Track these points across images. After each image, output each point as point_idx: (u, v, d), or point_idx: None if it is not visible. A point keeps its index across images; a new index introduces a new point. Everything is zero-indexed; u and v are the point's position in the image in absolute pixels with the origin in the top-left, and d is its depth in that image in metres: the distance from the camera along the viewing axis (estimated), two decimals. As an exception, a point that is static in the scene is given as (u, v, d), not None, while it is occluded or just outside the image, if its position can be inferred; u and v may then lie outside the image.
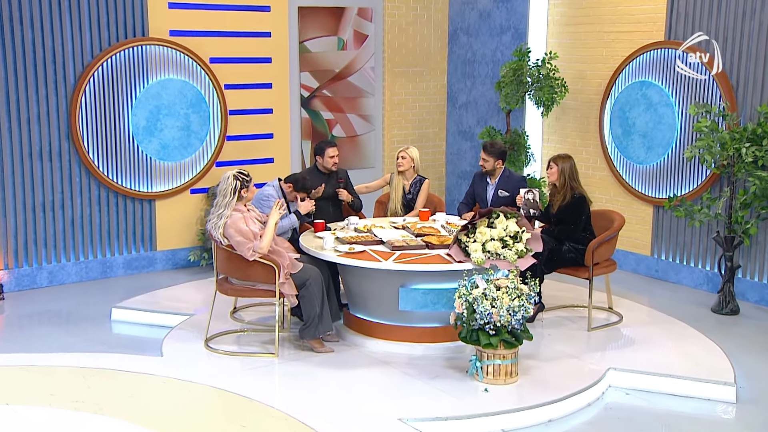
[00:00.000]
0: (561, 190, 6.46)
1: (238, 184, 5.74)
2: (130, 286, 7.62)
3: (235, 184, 5.73)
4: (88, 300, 7.28)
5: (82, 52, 7.55)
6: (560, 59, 8.66)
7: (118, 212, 7.92)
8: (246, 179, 5.78)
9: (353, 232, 6.49)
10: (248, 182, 5.79)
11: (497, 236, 5.70)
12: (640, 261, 8.18)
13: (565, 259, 6.40)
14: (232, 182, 5.73)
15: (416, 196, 7.23)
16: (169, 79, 8.01)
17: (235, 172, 5.78)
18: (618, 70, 8.18)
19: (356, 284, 6.10)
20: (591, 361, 5.75)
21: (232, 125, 8.47)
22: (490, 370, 5.31)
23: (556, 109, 8.78)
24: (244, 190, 5.76)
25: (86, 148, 7.63)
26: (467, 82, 9.81)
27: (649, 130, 7.97)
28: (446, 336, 5.90)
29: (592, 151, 8.58)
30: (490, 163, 6.88)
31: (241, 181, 5.75)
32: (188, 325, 6.46)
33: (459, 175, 10.02)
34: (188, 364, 5.68)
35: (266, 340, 6.15)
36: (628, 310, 6.87)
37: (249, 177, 5.82)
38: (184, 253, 8.32)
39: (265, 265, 5.73)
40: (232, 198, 5.72)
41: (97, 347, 6.10)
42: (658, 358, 5.84)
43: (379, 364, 5.70)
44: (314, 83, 9.22)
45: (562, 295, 7.20)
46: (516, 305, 5.15)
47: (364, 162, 9.68)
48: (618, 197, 8.33)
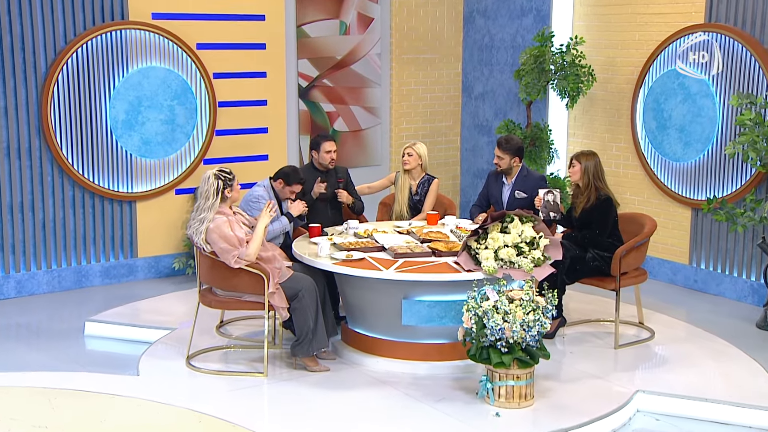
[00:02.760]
0: (585, 190, 6.44)
1: (220, 184, 5.72)
2: (108, 297, 7.62)
3: (217, 184, 5.72)
4: (60, 313, 7.29)
5: (54, 38, 7.56)
6: (587, 44, 8.62)
7: (95, 215, 7.93)
8: (229, 177, 5.77)
9: (352, 238, 6.47)
10: (231, 181, 5.78)
11: (511, 242, 5.67)
12: (676, 270, 8.13)
13: (590, 268, 6.37)
14: (214, 182, 5.72)
15: (424, 198, 7.22)
16: (151, 67, 8.01)
17: (216, 170, 5.77)
18: (652, 57, 8.13)
19: (355, 295, 6.08)
20: (617, 383, 5.71)
21: (221, 118, 8.46)
22: (503, 392, 5.28)
23: (583, 101, 8.74)
24: (227, 189, 5.75)
25: (59, 144, 7.64)
26: (484, 70, 9.77)
27: (686, 124, 7.91)
28: (454, 354, 5.88)
29: (623, 147, 8.53)
30: (506, 160, 6.86)
31: (223, 180, 5.74)
32: (169, 341, 6.46)
33: (475, 173, 9.98)
34: (167, 385, 5.66)
35: (255, 357, 6.13)
36: (661, 325, 6.83)
37: (232, 175, 5.80)
38: (167, 261, 8.32)
39: (252, 274, 5.72)
40: (214, 200, 5.71)
41: (67, 365, 6.09)
42: (694, 379, 5.80)
43: (379, 385, 5.67)
44: (313, 72, 9.20)
45: (586, 308, 7.17)
46: (531, 320, 5.12)
47: (369, 159, 9.65)
48: (652, 199, 8.28)
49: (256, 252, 5.71)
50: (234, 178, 5.81)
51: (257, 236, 5.73)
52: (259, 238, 5.73)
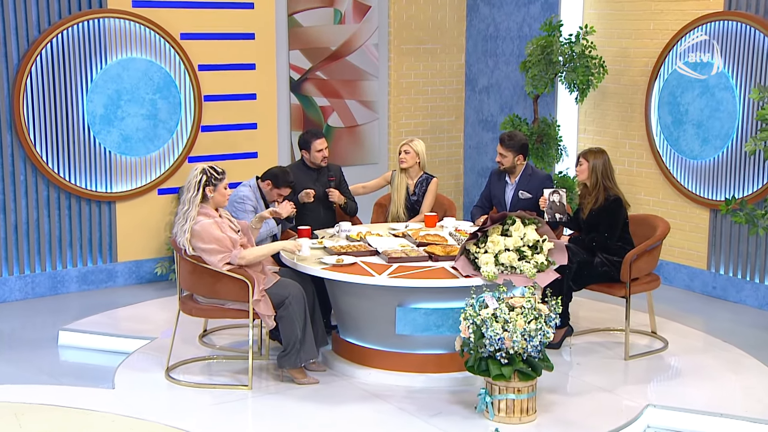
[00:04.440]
0: (592, 191, 6.44)
1: (203, 180, 5.71)
2: (85, 304, 7.62)
3: (200, 179, 5.71)
4: (33, 321, 7.29)
5: (27, 27, 7.56)
6: (598, 34, 8.60)
7: (71, 216, 7.92)
8: (215, 176, 5.74)
9: (344, 241, 6.46)
10: (217, 180, 5.75)
11: (513, 246, 5.67)
12: (693, 276, 8.11)
13: (598, 273, 6.36)
14: (198, 175, 5.72)
15: (422, 198, 7.21)
16: (131, 58, 8.01)
17: (207, 165, 5.77)
18: (668, 47, 8.12)
19: (346, 303, 6.08)
20: (627, 396, 5.70)
21: (207, 113, 8.46)
22: (502, 406, 5.28)
23: (594, 94, 8.72)
24: (209, 188, 5.73)
25: (32, 141, 7.64)
26: (489, 61, 9.76)
27: (704, 119, 7.90)
28: (452, 365, 5.88)
29: (636, 144, 8.52)
30: (509, 158, 6.86)
31: (208, 177, 5.72)
32: (149, 351, 6.47)
33: (479, 172, 9.97)
34: (144, 398, 5.66)
35: (239, 369, 6.13)
36: (676, 334, 6.82)
37: (220, 175, 5.78)
38: (149, 266, 8.31)
39: (236, 280, 5.71)
40: (195, 193, 5.71)
41: (38, 378, 6.09)
42: (710, 393, 5.79)
43: (371, 399, 5.67)
44: (306, 64, 9.20)
45: (595, 316, 7.18)
46: (532, 329, 5.11)
47: (366, 157, 9.64)
48: (667, 199, 8.27)
49: (255, 260, 5.74)
50: (221, 179, 5.78)
51: (265, 249, 5.85)
52: (266, 250, 5.84)
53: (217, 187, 5.77)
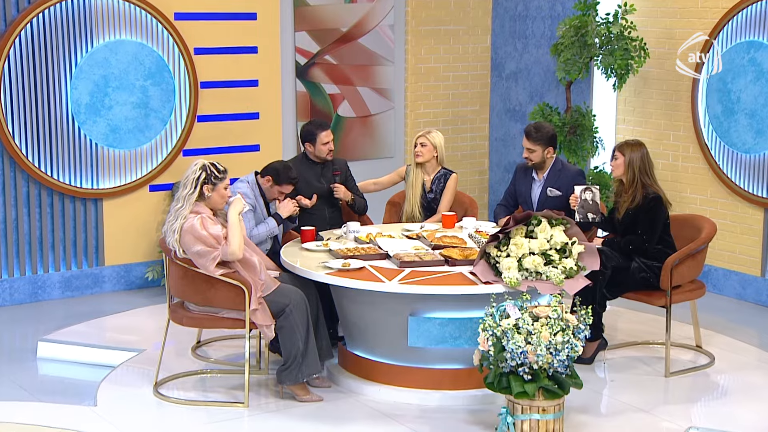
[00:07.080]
0: (629, 188, 6.43)
1: (202, 176, 5.73)
2: (68, 312, 7.67)
3: (199, 175, 5.73)
4: (11, 330, 7.34)
5: (4, 5, 7.61)
6: (639, 13, 8.59)
7: (54, 216, 7.97)
8: (216, 174, 5.75)
9: (352, 243, 6.46)
10: (217, 179, 5.76)
11: (538, 249, 5.65)
12: (745, 283, 8.08)
13: (635, 280, 6.35)
14: (197, 171, 5.74)
15: (440, 196, 7.21)
16: (120, 40, 8.05)
17: (208, 162, 5.78)
18: (717, 27, 8.08)
19: (353, 312, 6.09)
20: (666, 417, 5.70)
21: (204, 102, 8.50)
22: (526, 427, 5.25)
23: (634, 80, 8.70)
24: (207, 187, 5.74)
25: (10, 133, 7.69)
26: (517, 44, 9.75)
27: (758, 108, 7.88)
28: (470, 381, 5.89)
29: (682, 135, 8.50)
30: (538, 152, 6.88)
31: (207, 174, 5.74)
32: (137, 364, 6.51)
33: (506, 167, 9.98)
34: (130, 416, 5.68)
35: (235, 384, 6.15)
36: (724, 349, 6.80)
37: (221, 174, 5.78)
38: (139, 270, 8.36)
39: (231, 286, 5.73)
40: (192, 191, 5.72)
41: (14, 393, 6.11)
42: (759, 415, 5.77)
43: (381, 418, 5.68)
44: (314, 47, 9.22)
45: (633, 328, 7.18)
46: (559, 341, 5.09)
47: (380, 151, 9.66)
48: (716, 198, 8.25)
49: (241, 247, 5.71)
50: (222, 178, 5.79)
51: (233, 227, 5.71)
52: (235, 228, 5.71)
53: (217, 187, 5.78)
